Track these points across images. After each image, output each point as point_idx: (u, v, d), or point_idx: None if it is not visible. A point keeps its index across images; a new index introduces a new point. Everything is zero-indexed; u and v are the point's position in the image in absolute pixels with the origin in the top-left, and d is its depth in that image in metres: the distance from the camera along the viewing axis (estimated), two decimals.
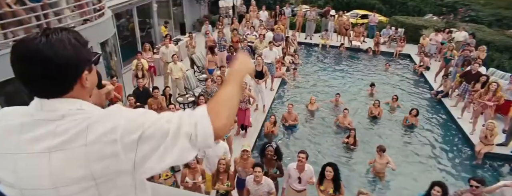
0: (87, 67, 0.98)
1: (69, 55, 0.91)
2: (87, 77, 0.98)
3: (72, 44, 0.92)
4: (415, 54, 13.96)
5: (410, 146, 8.27)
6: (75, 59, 0.92)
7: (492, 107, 7.92)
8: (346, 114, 8.74)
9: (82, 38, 0.98)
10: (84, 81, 0.97)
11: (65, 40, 0.92)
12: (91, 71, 1.01)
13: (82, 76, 0.96)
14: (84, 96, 1.00)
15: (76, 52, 0.93)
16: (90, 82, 1.00)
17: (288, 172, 5.28)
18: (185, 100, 9.01)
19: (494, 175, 7.26)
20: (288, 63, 12.39)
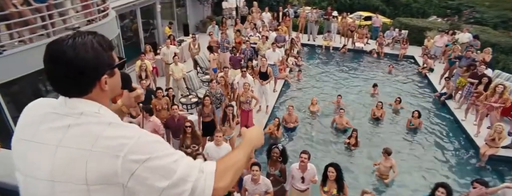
0: (108, 72, 0.99)
1: (89, 58, 0.94)
2: (107, 81, 0.99)
3: (94, 48, 0.95)
4: (419, 56, 13.89)
5: (413, 148, 8.22)
6: (94, 62, 0.95)
7: (498, 109, 7.86)
8: (342, 114, 8.72)
9: (107, 43, 1.01)
10: (103, 85, 0.99)
11: (88, 43, 0.95)
12: (113, 76, 1.02)
13: (101, 79, 0.98)
14: (103, 100, 1.02)
15: (97, 55, 0.96)
16: (110, 86, 1.02)
17: (291, 173, 5.29)
18: (188, 101, 9.03)
19: (498, 178, 7.20)
20: (291, 65, 12.38)
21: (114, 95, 1.11)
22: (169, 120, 6.81)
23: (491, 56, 10.99)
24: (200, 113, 7.08)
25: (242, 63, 10.20)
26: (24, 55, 5.90)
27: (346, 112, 9.27)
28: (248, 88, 7.71)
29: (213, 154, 5.67)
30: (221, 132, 5.92)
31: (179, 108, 7.23)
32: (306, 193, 5.41)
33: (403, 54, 14.08)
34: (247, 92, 7.70)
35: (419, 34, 15.05)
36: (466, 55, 10.20)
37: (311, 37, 15.73)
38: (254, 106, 8.22)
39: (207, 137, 7.06)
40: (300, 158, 5.15)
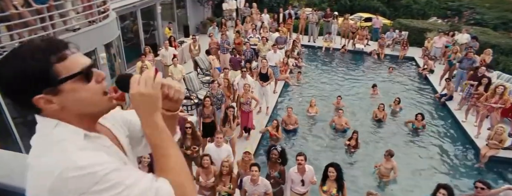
0: (49, 89, 0.80)
1: (9, 76, 0.78)
2: (50, 100, 0.81)
3: (19, 64, 0.78)
4: (419, 57, 13.90)
5: (414, 149, 8.22)
6: (17, 81, 0.79)
7: (499, 110, 7.86)
8: (341, 114, 8.72)
9: (47, 52, 0.80)
10: (40, 105, 0.81)
11: (12, 58, 0.79)
12: (58, 94, 0.81)
13: (33, 99, 0.80)
14: (64, 117, 0.84)
15: (23, 72, 0.78)
16: (74, 102, 0.83)
17: (290, 177, 5.25)
18: (188, 102, 9.03)
19: (498, 179, 7.19)
20: (291, 66, 12.39)
21: (97, 109, 0.89)
22: None
23: (491, 57, 10.99)
24: (201, 114, 7.08)
25: (243, 64, 10.21)
26: None
27: (346, 113, 9.29)
28: (248, 89, 7.71)
29: (214, 155, 5.66)
30: (221, 133, 5.92)
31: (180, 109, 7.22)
32: (306, 195, 5.39)
33: (403, 55, 14.09)
34: (247, 93, 7.70)
35: (419, 35, 15.06)
36: (467, 56, 10.20)
37: (312, 38, 15.74)
38: (254, 107, 8.22)
39: (207, 138, 7.06)
40: (297, 160, 5.13)
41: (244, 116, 7.91)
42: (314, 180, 5.26)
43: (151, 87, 0.83)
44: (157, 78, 0.85)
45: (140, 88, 0.83)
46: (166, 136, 0.86)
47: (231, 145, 6.76)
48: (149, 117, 0.85)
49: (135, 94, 0.83)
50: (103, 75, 0.90)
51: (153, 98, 0.84)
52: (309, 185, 5.36)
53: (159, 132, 0.86)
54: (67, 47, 0.84)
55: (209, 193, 5.47)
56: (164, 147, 0.86)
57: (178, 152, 0.87)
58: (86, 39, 7.23)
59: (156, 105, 0.85)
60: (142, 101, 0.84)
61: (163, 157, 0.85)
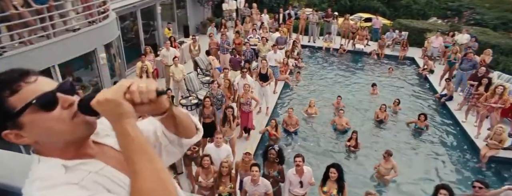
0: (10, 123, 0.78)
1: None
2: (19, 134, 0.80)
3: None
4: (419, 57, 13.90)
5: (414, 149, 8.21)
6: None
7: (498, 110, 7.86)
8: (342, 115, 8.72)
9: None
10: (12, 140, 0.80)
11: None
12: (22, 127, 0.79)
13: (2, 135, 0.79)
14: (44, 149, 0.83)
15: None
16: (32, 137, 0.81)
17: (288, 179, 5.24)
18: (188, 102, 9.03)
19: (498, 179, 7.19)
20: (291, 66, 12.39)
21: (72, 136, 0.83)
22: None
23: (491, 57, 10.99)
24: (201, 114, 7.08)
25: (242, 65, 10.22)
26: (24, 56, 5.91)
27: (346, 113, 9.29)
28: (248, 89, 7.71)
29: (213, 155, 5.66)
30: (221, 134, 5.92)
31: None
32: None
33: (403, 55, 14.09)
34: (247, 94, 7.69)
35: (419, 36, 15.06)
36: (468, 57, 10.19)
37: (312, 38, 15.75)
38: (254, 108, 8.22)
39: (207, 139, 7.06)
40: (295, 162, 5.11)
41: (244, 117, 7.91)
42: (313, 181, 5.25)
43: (111, 93, 0.77)
44: (120, 82, 0.80)
45: (99, 95, 0.77)
46: (137, 147, 0.76)
47: (230, 145, 6.76)
48: (116, 125, 0.77)
49: (93, 103, 0.77)
50: (70, 100, 0.82)
51: (112, 105, 0.76)
52: (308, 187, 5.35)
53: (128, 141, 0.76)
54: (24, 77, 0.80)
55: (208, 193, 5.47)
56: (134, 161, 0.75)
57: (153, 166, 0.75)
58: (86, 40, 7.24)
59: (118, 112, 0.76)
60: (102, 108, 0.77)
61: (133, 174, 0.75)
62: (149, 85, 0.78)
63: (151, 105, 0.80)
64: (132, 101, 0.77)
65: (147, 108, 0.80)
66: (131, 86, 0.77)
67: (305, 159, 7.57)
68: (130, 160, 0.75)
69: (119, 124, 0.76)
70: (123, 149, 0.77)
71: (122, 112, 0.76)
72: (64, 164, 0.80)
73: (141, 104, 0.78)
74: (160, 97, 0.80)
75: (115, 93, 0.76)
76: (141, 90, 0.77)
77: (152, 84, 0.79)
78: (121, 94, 0.76)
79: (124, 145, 0.77)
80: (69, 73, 7.69)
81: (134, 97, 0.77)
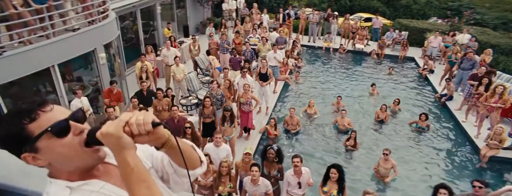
0: (27, 148, 0.88)
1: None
2: (35, 157, 0.89)
3: (1, 122, 0.88)
4: (419, 57, 13.89)
5: (414, 149, 8.21)
6: (1, 142, 0.89)
7: (499, 110, 7.85)
8: (344, 115, 8.71)
9: (18, 115, 0.87)
10: (29, 162, 0.90)
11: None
12: (38, 151, 0.88)
13: (22, 158, 0.90)
14: (55, 172, 0.94)
15: (1, 134, 0.88)
16: (47, 160, 0.90)
17: (287, 180, 5.22)
18: (188, 102, 9.02)
19: (499, 179, 7.19)
20: (291, 66, 12.38)
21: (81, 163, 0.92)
22: (169, 121, 6.80)
23: (491, 57, 10.98)
24: (201, 114, 7.08)
25: (242, 65, 10.20)
26: (24, 56, 5.90)
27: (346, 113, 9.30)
28: (248, 89, 7.70)
29: (213, 155, 5.66)
30: (220, 133, 5.91)
31: (179, 109, 7.24)
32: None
33: (403, 55, 14.08)
34: (247, 93, 7.69)
35: (419, 36, 15.06)
36: (468, 57, 10.19)
37: (311, 38, 15.74)
38: (254, 107, 8.21)
39: (207, 138, 7.05)
40: (293, 162, 5.10)
41: (244, 116, 7.90)
42: (311, 182, 5.24)
43: (113, 127, 0.84)
44: (120, 117, 0.87)
45: (102, 129, 0.84)
46: (136, 176, 0.84)
47: (230, 145, 6.76)
48: (117, 156, 0.85)
49: (98, 135, 0.85)
50: (81, 128, 0.92)
51: (113, 137, 0.83)
52: (306, 188, 5.34)
53: (128, 171, 0.84)
54: (42, 106, 0.89)
55: (208, 192, 5.47)
56: (133, 188, 0.84)
57: (151, 193, 0.84)
58: (86, 39, 7.23)
59: (118, 144, 0.84)
60: (105, 141, 0.85)
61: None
62: (146, 118, 0.85)
63: (150, 136, 0.86)
64: (131, 133, 0.84)
65: (146, 139, 0.87)
66: (130, 119, 0.85)
67: (306, 159, 7.62)
68: (130, 188, 0.84)
69: (120, 155, 0.84)
70: (123, 177, 0.85)
71: (122, 144, 0.83)
72: (69, 186, 0.90)
73: (140, 135, 0.85)
74: (156, 128, 0.86)
75: (116, 127, 0.83)
76: (139, 123, 0.84)
77: (148, 117, 0.86)
78: (121, 127, 0.84)
79: (124, 174, 0.85)
80: (68, 73, 7.68)
81: (132, 129, 0.84)
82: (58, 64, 6.67)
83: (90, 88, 8.10)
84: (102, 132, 0.84)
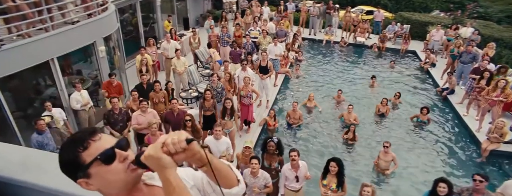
0: (80, 174, 0.97)
1: (60, 164, 1.00)
2: (88, 182, 0.99)
3: (61, 155, 1.00)
4: (421, 51, 13.80)
5: (415, 143, 8.20)
6: (61, 168, 1.00)
7: (500, 104, 7.81)
8: (351, 110, 8.68)
9: (71, 144, 0.98)
10: (84, 187, 1.00)
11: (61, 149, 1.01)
12: (90, 177, 0.98)
13: (77, 182, 1.00)
14: (105, 194, 1.03)
15: (62, 162, 0.99)
16: (97, 185, 1.00)
17: (284, 174, 5.20)
18: (188, 95, 9.01)
19: (499, 173, 7.19)
20: (291, 59, 12.32)
21: (123, 184, 1.01)
22: (169, 114, 6.79)
23: (494, 51, 10.89)
24: (201, 107, 7.08)
25: (243, 57, 10.16)
26: (22, 49, 5.87)
27: (344, 106, 9.32)
28: (249, 82, 7.67)
29: (212, 147, 5.66)
30: (220, 126, 5.91)
31: (179, 102, 7.23)
32: (300, 192, 5.35)
33: (405, 49, 13.99)
34: (248, 86, 7.66)
35: (421, 29, 14.93)
36: (467, 50, 10.12)
37: (312, 31, 15.64)
38: (254, 101, 8.20)
39: (207, 131, 7.06)
40: (290, 156, 5.08)
41: (245, 109, 7.89)
42: (309, 175, 5.25)
43: (152, 150, 0.93)
44: (158, 139, 0.95)
45: (145, 153, 0.94)
46: (177, 194, 0.92)
47: (230, 138, 6.76)
48: (160, 175, 0.94)
49: (142, 158, 0.95)
50: (124, 155, 1.00)
51: (154, 159, 0.92)
52: (303, 181, 5.34)
53: (170, 190, 0.92)
54: (92, 136, 0.99)
55: None
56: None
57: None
58: (85, 32, 7.19)
59: (160, 165, 0.92)
60: (148, 162, 0.94)
61: None
62: (180, 136, 0.93)
63: (186, 153, 0.94)
64: (169, 152, 0.92)
65: (183, 156, 0.94)
66: (166, 140, 0.93)
67: (306, 153, 7.63)
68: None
69: (162, 174, 0.92)
70: (166, 195, 0.93)
71: (162, 164, 0.91)
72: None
73: (177, 153, 0.93)
74: (190, 144, 0.93)
75: (155, 149, 0.92)
76: (173, 142, 0.91)
77: (182, 135, 0.94)
78: (159, 149, 0.92)
79: (167, 192, 0.93)
80: (68, 66, 7.64)
81: (169, 149, 0.92)
82: (57, 57, 6.63)
83: (89, 81, 8.08)
84: (144, 156, 0.94)
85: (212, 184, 1.14)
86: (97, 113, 7.59)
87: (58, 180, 1.92)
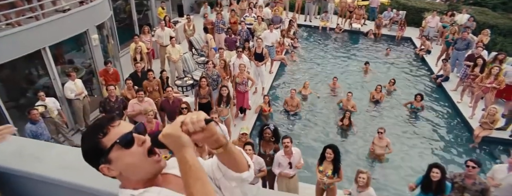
0: (102, 160, 1.00)
1: (83, 151, 1.03)
2: (109, 168, 1.01)
3: (83, 141, 1.03)
4: (417, 38, 13.78)
5: (409, 130, 8.29)
6: (83, 156, 1.03)
7: (493, 91, 7.88)
8: (350, 97, 8.73)
9: (92, 130, 1.01)
10: (105, 173, 1.03)
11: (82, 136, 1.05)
12: (111, 162, 1.00)
13: (99, 168, 1.02)
14: (125, 181, 1.06)
15: (84, 148, 1.02)
16: (124, 169, 1.02)
17: (277, 161, 5.23)
18: (183, 83, 8.97)
19: (490, 159, 7.32)
20: (287, 46, 12.26)
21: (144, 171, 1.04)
22: (164, 102, 6.78)
23: (489, 37, 10.90)
24: (197, 94, 7.07)
25: (238, 44, 10.08)
26: (13, 38, 5.76)
27: (340, 94, 9.35)
28: (244, 69, 7.64)
29: None
30: (216, 113, 5.93)
31: (174, 90, 7.20)
32: (294, 179, 5.39)
33: (400, 35, 13.96)
34: (243, 73, 7.64)
35: (417, 15, 14.87)
36: (462, 37, 10.12)
37: (308, 17, 15.50)
38: (250, 88, 8.19)
39: None
40: (283, 143, 5.10)
41: (240, 96, 7.88)
42: (301, 163, 5.29)
43: (171, 128, 0.94)
44: (176, 119, 0.96)
45: (163, 131, 0.95)
46: (194, 173, 0.93)
47: (226, 125, 6.79)
48: (177, 154, 0.95)
49: (160, 137, 0.96)
50: (143, 139, 1.02)
51: (173, 137, 0.93)
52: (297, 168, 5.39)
53: (186, 168, 0.93)
54: (111, 122, 1.02)
55: None
56: (190, 184, 0.92)
57: (205, 190, 0.92)
58: (77, 20, 7.06)
59: (178, 143, 0.93)
60: (166, 141, 0.95)
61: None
62: (199, 116, 0.94)
63: (204, 133, 0.95)
64: (187, 131, 0.93)
65: (201, 136, 0.95)
66: (185, 119, 0.94)
67: (302, 139, 7.70)
68: (187, 184, 0.93)
69: (180, 153, 0.94)
70: (182, 174, 0.94)
71: (181, 142, 0.93)
72: (132, 194, 1.01)
73: (195, 133, 0.94)
74: (209, 125, 0.94)
75: (174, 127, 0.94)
76: (192, 121, 0.93)
77: (201, 115, 0.95)
78: (178, 127, 0.94)
79: (183, 171, 0.94)
80: (60, 55, 7.53)
81: (189, 128, 0.93)
82: (49, 46, 6.53)
83: (83, 70, 7.99)
84: (163, 134, 0.94)
85: (221, 169, 1.15)
86: (92, 102, 7.54)
87: (53, 168, 1.94)
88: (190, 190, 0.92)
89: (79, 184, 1.83)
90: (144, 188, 1.03)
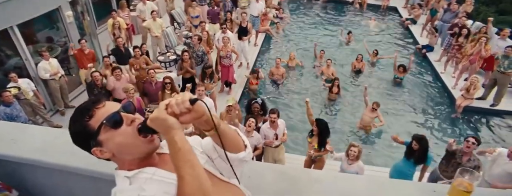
0: (92, 143, 0.98)
1: (71, 134, 1.01)
2: (101, 150, 0.99)
3: (72, 123, 1.00)
4: (402, 7, 13.66)
5: (392, 100, 8.39)
6: (73, 140, 1.01)
7: (480, 61, 7.95)
8: (330, 64, 8.72)
9: (80, 111, 0.99)
10: (98, 155, 1.01)
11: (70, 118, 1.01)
12: (102, 144, 0.98)
13: (91, 152, 1.00)
14: (119, 162, 1.04)
15: (73, 131, 1.00)
16: (110, 151, 1.00)
17: (263, 133, 5.24)
18: (166, 58, 8.71)
19: (471, 128, 7.53)
20: (272, 17, 11.95)
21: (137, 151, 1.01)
22: (147, 85, 6.60)
23: (472, 7, 10.86)
24: (180, 68, 6.90)
25: (221, 16, 9.73)
26: None
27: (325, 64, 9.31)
28: (228, 41, 7.44)
29: None
30: (203, 86, 5.84)
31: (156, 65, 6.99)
32: (280, 149, 5.44)
33: (386, 5, 13.79)
34: (227, 46, 7.44)
35: None
36: (452, 9, 10.01)
37: None
38: (235, 61, 8.03)
39: None
40: (270, 118, 5.11)
41: (225, 70, 7.72)
42: (285, 137, 5.34)
43: (157, 112, 0.91)
44: (162, 102, 0.93)
45: (150, 116, 0.93)
46: (182, 155, 0.90)
47: (212, 99, 6.71)
48: (166, 136, 0.92)
49: (148, 122, 0.93)
50: (132, 117, 1.00)
51: (160, 121, 0.91)
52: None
53: (175, 151, 0.91)
54: (96, 104, 0.99)
55: None
56: (179, 167, 0.90)
57: (195, 172, 0.90)
58: None
59: (165, 125, 0.90)
60: (154, 124, 0.92)
61: (179, 179, 0.91)
62: (183, 97, 0.92)
63: (192, 114, 0.92)
64: (173, 113, 0.90)
65: (189, 117, 0.92)
66: (170, 102, 0.91)
67: (290, 110, 7.71)
68: (177, 166, 0.90)
69: (169, 135, 0.91)
70: (172, 158, 0.92)
71: (168, 125, 0.90)
72: (126, 176, 0.99)
73: (182, 114, 0.91)
74: (195, 105, 0.92)
75: (159, 111, 0.91)
76: (177, 102, 0.90)
77: (185, 95, 0.92)
78: (163, 110, 0.91)
79: (172, 153, 0.91)
80: (32, 34, 7.06)
81: (174, 110, 0.90)
82: (17, 25, 6.11)
83: (58, 49, 7.57)
84: (150, 118, 0.92)
85: (217, 148, 1.12)
86: (70, 81, 7.25)
87: (31, 150, 1.90)
88: (180, 172, 0.90)
89: (56, 163, 1.83)
90: (137, 169, 1.01)
